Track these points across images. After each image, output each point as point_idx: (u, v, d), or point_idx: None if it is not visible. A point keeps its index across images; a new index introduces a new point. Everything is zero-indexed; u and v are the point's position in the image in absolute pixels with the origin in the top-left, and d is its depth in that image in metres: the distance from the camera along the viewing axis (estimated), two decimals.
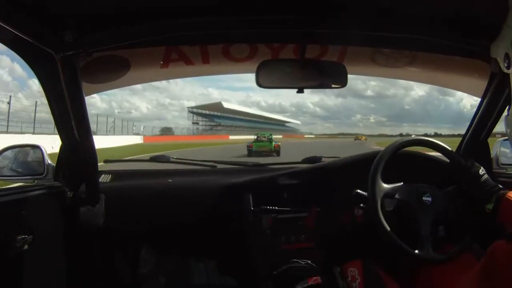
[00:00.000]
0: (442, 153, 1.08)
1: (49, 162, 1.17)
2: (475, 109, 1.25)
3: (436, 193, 1.02)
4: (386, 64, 1.29)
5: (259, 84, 1.11)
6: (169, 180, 1.36)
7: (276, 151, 15.08)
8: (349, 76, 1.13)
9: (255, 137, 16.79)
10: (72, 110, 1.04)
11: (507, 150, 1.33)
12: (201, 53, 1.21)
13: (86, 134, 1.10)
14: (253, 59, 1.21)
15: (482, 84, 1.20)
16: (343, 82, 1.14)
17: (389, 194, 1.02)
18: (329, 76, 1.15)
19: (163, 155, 1.45)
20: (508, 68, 0.58)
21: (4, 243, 0.87)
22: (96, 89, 1.28)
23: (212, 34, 1.08)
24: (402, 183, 1.04)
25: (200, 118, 62.65)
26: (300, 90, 1.16)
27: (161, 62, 1.23)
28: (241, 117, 71.48)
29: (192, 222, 1.28)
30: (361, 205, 1.16)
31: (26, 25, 0.79)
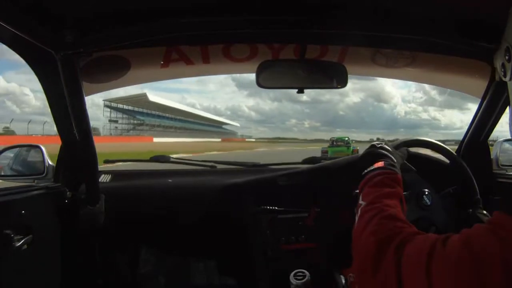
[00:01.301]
0: (442, 154, 1.08)
1: (49, 162, 1.17)
2: (408, 116, 1.25)
3: (435, 194, 1.03)
4: (386, 64, 1.29)
5: (259, 84, 1.11)
6: (169, 180, 1.36)
7: None
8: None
9: (330, 141, 15.98)
10: (72, 110, 1.04)
11: (507, 151, 1.33)
12: (202, 53, 1.21)
13: (86, 134, 1.10)
14: (253, 59, 1.21)
15: (482, 84, 1.21)
16: (343, 83, 1.14)
17: None
18: (330, 76, 1.15)
19: (163, 155, 1.45)
20: (504, 77, 0.59)
21: (4, 243, 0.87)
22: (96, 89, 1.28)
23: (212, 34, 1.08)
24: None
25: (120, 115, 50.58)
26: (300, 90, 1.16)
27: (161, 62, 1.23)
28: (172, 115, 59.28)
29: (192, 222, 1.28)
30: None
31: (26, 24, 0.79)
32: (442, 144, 1.07)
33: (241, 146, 32.82)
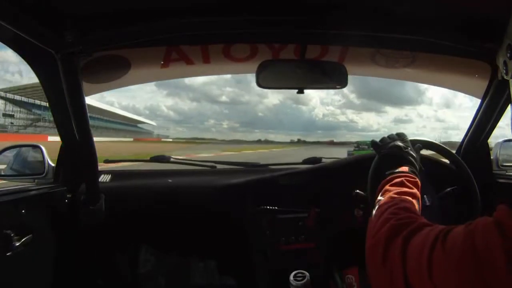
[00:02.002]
0: (442, 155, 1.08)
1: (49, 162, 1.17)
2: (326, 118, 1.25)
3: (435, 194, 1.03)
4: (386, 64, 1.29)
5: (259, 84, 1.11)
6: (169, 180, 1.36)
7: None
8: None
9: (356, 144, 16.99)
10: (72, 110, 1.04)
11: (507, 152, 1.33)
12: (202, 53, 1.21)
13: (86, 134, 1.10)
14: (254, 59, 1.21)
15: (482, 85, 1.21)
16: (343, 83, 1.14)
17: None
18: (330, 76, 1.15)
19: (163, 155, 1.45)
20: (506, 75, 0.59)
21: (4, 242, 0.87)
22: (96, 89, 1.28)
23: (213, 34, 1.08)
24: None
25: (17, 108, 41.51)
26: (300, 91, 1.16)
27: (162, 62, 1.23)
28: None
29: (192, 222, 1.28)
30: (361, 205, 1.16)
31: (27, 24, 0.79)
32: (442, 145, 1.07)
33: (154, 147, 28.91)
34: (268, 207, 1.21)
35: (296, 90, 1.17)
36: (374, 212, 0.66)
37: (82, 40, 0.91)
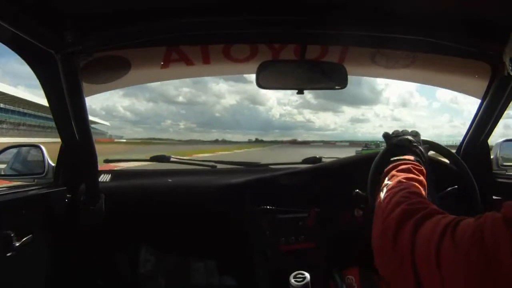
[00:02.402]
0: (442, 155, 1.08)
1: (49, 161, 1.17)
2: (283, 118, 1.25)
3: (435, 193, 1.02)
4: (387, 65, 1.29)
5: (259, 84, 1.11)
6: (169, 180, 1.36)
7: None
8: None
9: (364, 144, 17.59)
10: (72, 110, 1.04)
11: (507, 152, 1.33)
12: (202, 54, 1.21)
13: (86, 134, 1.10)
14: (254, 60, 1.21)
15: (482, 85, 1.21)
16: (343, 83, 1.14)
17: None
18: (329, 77, 1.15)
19: (163, 155, 1.45)
20: None
21: (4, 242, 0.87)
22: (96, 89, 1.28)
23: (213, 34, 1.08)
24: None
25: None
26: (300, 91, 1.16)
27: (162, 63, 1.23)
28: (27, 110, 44.42)
29: (192, 222, 1.28)
30: (361, 205, 1.16)
31: (27, 24, 0.79)
32: (442, 145, 1.07)
33: (103, 148, 25.64)
34: (268, 207, 1.21)
35: (296, 90, 1.17)
36: (382, 195, 0.65)
37: (82, 40, 0.91)
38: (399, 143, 0.89)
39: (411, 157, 0.82)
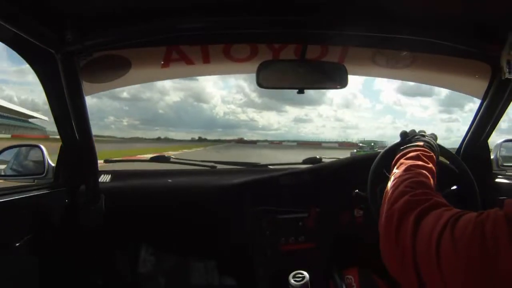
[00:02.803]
0: (442, 155, 1.08)
1: (49, 162, 1.17)
2: (227, 117, 1.24)
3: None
4: (387, 65, 1.29)
5: (260, 84, 1.11)
6: (169, 180, 1.36)
7: None
8: None
9: (358, 146, 18.11)
10: (72, 110, 1.04)
11: (507, 152, 1.33)
12: (202, 53, 1.21)
13: (86, 134, 1.10)
14: (254, 59, 1.21)
15: (482, 85, 1.21)
16: (343, 83, 1.14)
17: None
18: (330, 76, 1.15)
19: (163, 155, 1.45)
20: (510, 73, 0.59)
21: (4, 242, 0.87)
22: (96, 88, 1.28)
23: (213, 34, 1.08)
24: None
25: None
26: (301, 91, 1.16)
27: (162, 62, 1.23)
28: None
29: (192, 222, 1.28)
30: (361, 205, 1.16)
31: (27, 24, 0.79)
32: (442, 146, 1.07)
33: None
34: (268, 207, 1.21)
35: (297, 90, 1.17)
36: (389, 184, 0.65)
37: (82, 39, 0.91)
38: (410, 136, 0.89)
39: (420, 143, 0.81)
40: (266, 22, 0.94)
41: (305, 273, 0.98)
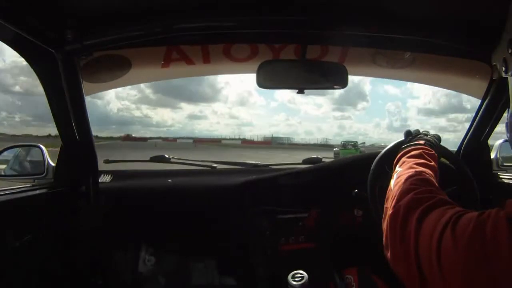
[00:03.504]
0: (442, 155, 1.08)
1: (49, 162, 1.17)
2: (121, 113, 1.22)
3: None
4: (387, 65, 1.29)
5: (260, 84, 1.11)
6: (169, 180, 1.36)
7: None
8: None
9: (341, 144, 18.45)
10: (72, 110, 1.04)
11: (507, 152, 1.33)
12: (202, 53, 1.21)
13: (86, 134, 1.10)
14: (254, 59, 1.21)
15: (482, 85, 1.21)
16: (343, 83, 1.14)
17: None
18: (330, 76, 1.15)
19: (163, 155, 1.45)
20: (506, 72, 0.59)
21: (4, 242, 0.87)
22: (96, 88, 1.28)
23: (213, 34, 1.08)
24: None
25: None
26: (301, 91, 1.16)
27: (162, 62, 1.23)
28: None
29: (192, 222, 1.28)
30: (361, 205, 1.16)
31: (27, 23, 0.79)
32: (442, 145, 1.07)
33: None
34: (268, 207, 1.21)
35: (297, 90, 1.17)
36: (392, 182, 0.65)
37: (83, 39, 0.91)
38: (413, 136, 0.89)
39: (422, 141, 0.81)
40: (266, 22, 0.94)
41: (304, 273, 0.98)
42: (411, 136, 0.92)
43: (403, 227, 0.51)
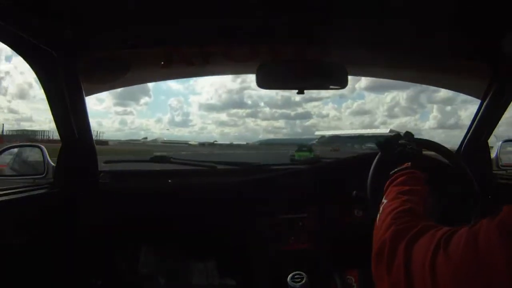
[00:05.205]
0: (442, 155, 1.08)
1: (49, 161, 1.17)
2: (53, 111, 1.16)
3: (435, 193, 1.02)
4: (387, 65, 1.29)
5: (259, 85, 1.11)
6: (169, 181, 1.36)
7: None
8: None
9: (297, 147, 18.96)
10: (72, 110, 1.04)
11: (507, 152, 1.33)
12: (202, 54, 1.21)
13: (86, 134, 1.10)
14: (254, 60, 1.21)
15: (482, 85, 1.21)
16: (343, 83, 1.14)
17: None
18: (330, 76, 1.15)
19: (163, 155, 1.45)
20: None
21: (4, 242, 0.87)
22: (96, 89, 1.28)
23: (213, 34, 1.08)
24: None
25: None
26: (301, 91, 1.16)
27: (161, 63, 1.23)
28: None
29: (192, 222, 1.28)
30: (361, 206, 1.16)
31: (27, 24, 0.79)
32: (442, 145, 1.07)
33: None
34: (268, 207, 1.21)
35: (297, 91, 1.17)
36: (378, 216, 0.65)
37: (82, 40, 0.91)
38: (394, 150, 0.88)
39: (408, 164, 0.80)
40: (266, 22, 0.94)
41: (304, 274, 0.98)
42: (382, 148, 0.91)
43: (390, 260, 0.51)
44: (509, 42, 0.69)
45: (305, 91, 1.16)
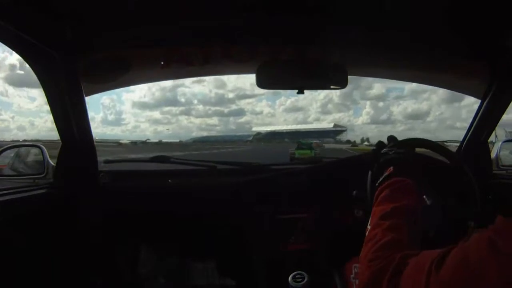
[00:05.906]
0: (442, 155, 1.08)
1: (49, 161, 1.17)
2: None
3: (435, 194, 1.02)
4: (386, 65, 1.29)
5: (259, 85, 1.11)
6: (169, 180, 1.36)
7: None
8: None
9: (296, 145, 18.55)
10: (72, 110, 1.04)
11: (507, 152, 1.33)
12: (202, 54, 1.21)
13: (86, 134, 1.10)
14: (254, 60, 1.21)
15: (482, 85, 1.21)
16: (343, 83, 1.14)
17: None
18: (330, 77, 1.15)
19: (163, 155, 1.45)
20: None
21: (4, 242, 0.87)
22: (96, 89, 1.28)
23: (213, 35, 1.08)
24: None
25: None
26: (301, 91, 1.16)
27: (162, 63, 1.23)
28: None
29: (192, 222, 1.28)
30: (361, 206, 1.16)
31: (27, 24, 0.79)
32: (442, 145, 1.07)
33: None
34: (268, 207, 1.21)
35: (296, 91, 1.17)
36: (363, 247, 0.63)
37: (82, 40, 0.91)
38: (375, 166, 0.86)
39: (390, 170, 0.76)
40: (266, 22, 0.94)
41: (305, 274, 0.98)
42: (380, 158, 0.86)
43: None
44: (508, 42, 0.69)
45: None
